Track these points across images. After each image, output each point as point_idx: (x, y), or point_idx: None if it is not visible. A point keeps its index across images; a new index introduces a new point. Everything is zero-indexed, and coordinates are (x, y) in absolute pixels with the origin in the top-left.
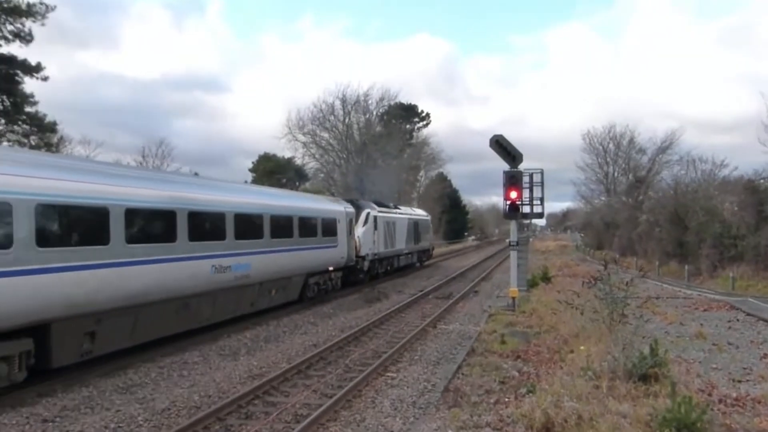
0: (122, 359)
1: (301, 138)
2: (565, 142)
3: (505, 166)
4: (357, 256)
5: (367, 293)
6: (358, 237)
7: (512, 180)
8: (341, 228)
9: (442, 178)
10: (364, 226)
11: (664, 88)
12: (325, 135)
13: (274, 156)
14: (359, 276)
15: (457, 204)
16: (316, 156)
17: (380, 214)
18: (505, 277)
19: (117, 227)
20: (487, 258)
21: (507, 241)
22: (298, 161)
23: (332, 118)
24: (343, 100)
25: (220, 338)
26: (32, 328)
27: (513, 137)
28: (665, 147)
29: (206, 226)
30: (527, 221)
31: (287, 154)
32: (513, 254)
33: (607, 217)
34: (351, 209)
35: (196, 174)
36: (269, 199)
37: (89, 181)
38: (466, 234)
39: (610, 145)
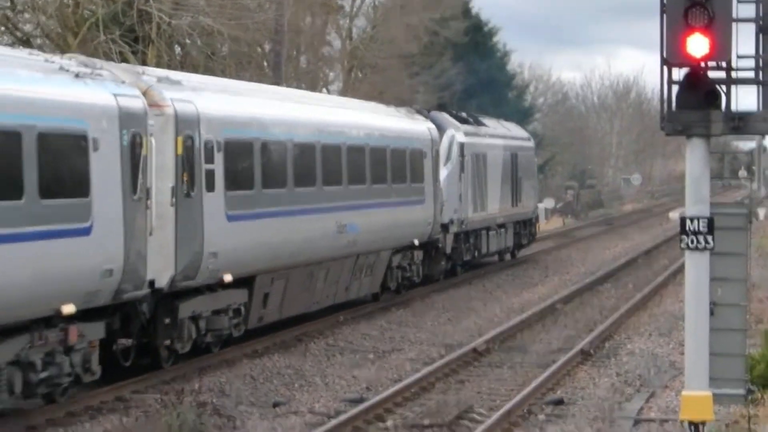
0: None
1: None
2: None
3: None
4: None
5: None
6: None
7: None
8: (427, 167)
9: None
10: (446, 164)
11: None
12: None
13: None
14: (440, 263)
15: (491, 78)
16: None
17: (468, 140)
18: (664, 344)
19: (289, 166)
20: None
21: (671, 215)
22: None
23: None
24: None
25: None
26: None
27: None
28: None
29: (330, 165)
30: (751, 143)
31: None
32: (692, 263)
33: None
34: (435, 131)
35: None
36: (368, 117)
37: (278, 109)
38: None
39: None
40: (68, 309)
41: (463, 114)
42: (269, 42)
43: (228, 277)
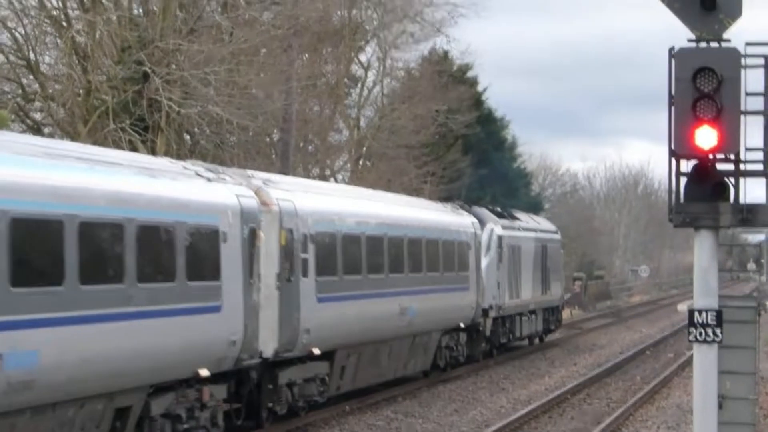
0: None
1: None
2: None
3: (678, 36)
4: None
5: None
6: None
7: (705, 81)
8: (471, 258)
9: (445, 67)
10: (486, 254)
11: None
12: None
13: None
14: (481, 345)
15: (502, 170)
16: None
17: (505, 233)
18: None
19: (363, 256)
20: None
21: (679, 307)
22: None
23: None
24: None
25: None
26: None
27: None
28: None
29: (395, 255)
30: (760, 235)
31: None
32: (700, 356)
33: None
34: (477, 224)
35: None
36: (423, 213)
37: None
38: None
39: None
40: (204, 372)
41: (499, 209)
42: (277, 131)
43: (316, 351)
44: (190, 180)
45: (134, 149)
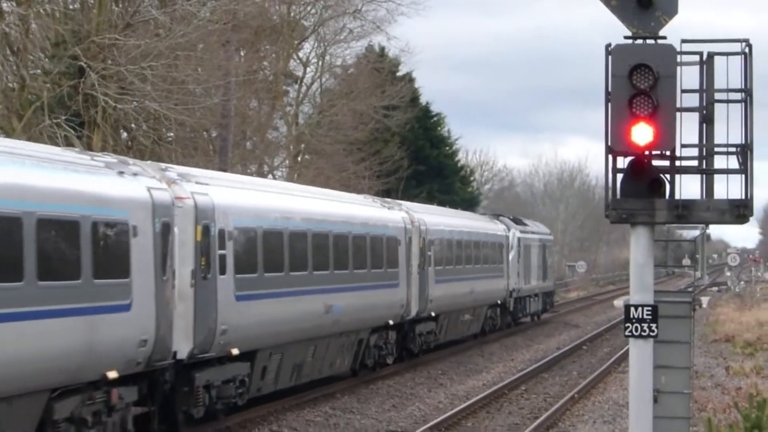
0: None
1: None
2: None
3: (614, 32)
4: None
5: None
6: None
7: (641, 77)
8: (504, 254)
9: (383, 64)
10: (510, 252)
11: None
12: None
13: None
14: (506, 317)
15: (439, 165)
16: None
17: (522, 235)
18: (608, 431)
19: (454, 252)
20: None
21: (615, 303)
22: None
23: None
24: None
25: None
26: None
27: None
28: None
29: (467, 252)
30: (695, 231)
31: None
32: (636, 351)
33: None
34: (506, 229)
35: None
36: (475, 222)
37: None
38: None
39: None
40: (390, 322)
41: (512, 216)
42: (216, 127)
43: (433, 314)
44: (380, 209)
45: (70, 145)
